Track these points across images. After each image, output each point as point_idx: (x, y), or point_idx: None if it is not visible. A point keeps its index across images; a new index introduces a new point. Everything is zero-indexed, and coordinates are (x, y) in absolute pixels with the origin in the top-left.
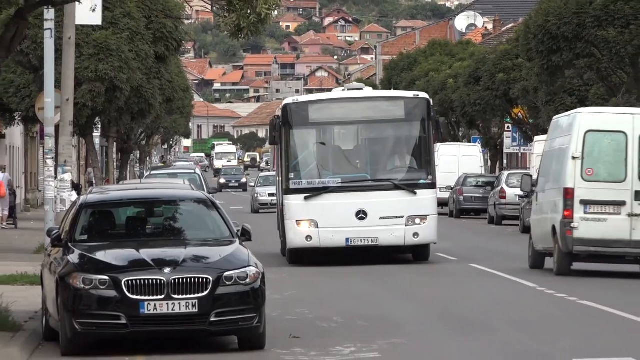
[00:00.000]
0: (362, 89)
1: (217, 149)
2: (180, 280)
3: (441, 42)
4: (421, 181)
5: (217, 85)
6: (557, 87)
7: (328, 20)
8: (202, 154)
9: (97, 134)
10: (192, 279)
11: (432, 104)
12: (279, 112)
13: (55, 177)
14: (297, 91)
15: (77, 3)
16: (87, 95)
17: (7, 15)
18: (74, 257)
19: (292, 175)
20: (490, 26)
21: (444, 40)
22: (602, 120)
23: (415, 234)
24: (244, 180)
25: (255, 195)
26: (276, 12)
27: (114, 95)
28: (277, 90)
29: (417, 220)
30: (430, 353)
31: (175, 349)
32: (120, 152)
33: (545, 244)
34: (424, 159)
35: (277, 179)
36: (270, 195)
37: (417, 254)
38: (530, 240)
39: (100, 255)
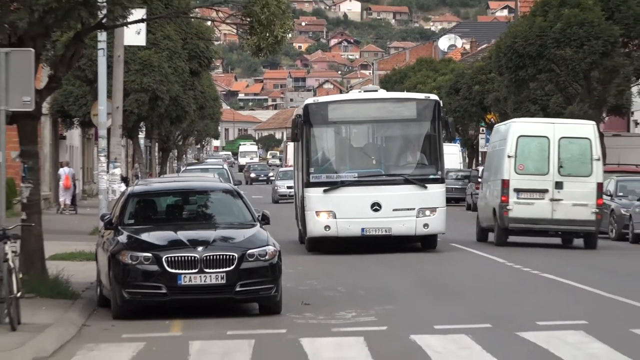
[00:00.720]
0: (377, 90)
1: (241, 148)
2: (211, 257)
3: (427, 59)
4: (431, 176)
5: (241, 96)
6: (523, 97)
7: (333, 42)
8: (229, 152)
9: (142, 135)
10: (221, 256)
11: (441, 105)
12: (300, 112)
13: (107, 172)
14: None
15: (125, 27)
16: (134, 103)
17: (67, 38)
18: (123, 238)
19: (312, 169)
20: (467, 46)
21: (429, 58)
22: (530, 127)
23: (426, 225)
24: (270, 174)
25: (276, 187)
26: (290, 35)
27: (155, 104)
28: (291, 100)
29: (427, 212)
30: (415, 316)
31: (206, 313)
32: (161, 150)
33: (488, 222)
34: (433, 156)
35: (296, 173)
36: (289, 187)
37: (425, 242)
38: (477, 219)
39: (145, 236)
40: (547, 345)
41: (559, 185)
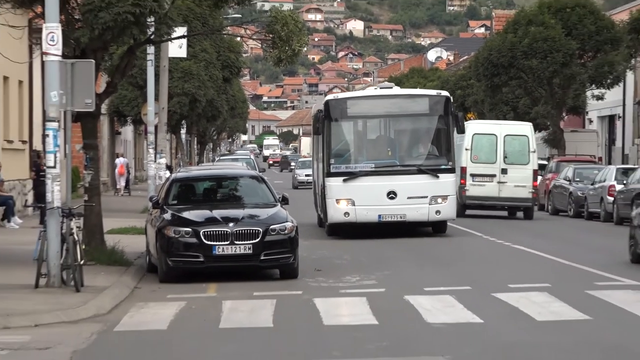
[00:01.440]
0: (392, 87)
1: (265, 142)
2: (240, 231)
3: (418, 69)
4: (442, 166)
5: (265, 98)
6: (497, 100)
7: (341, 54)
8: (255, 145)
9: (183, 131)
10: (248, 231)
11: (452, 101)
12: (321, 107)
13: (155, 161)
14: None
15: (169, 42)
16: (176, 105)
17: (122, 51)
18: (167, 216)
19: (332, 160)
20: (451, 58)
21: (420, 68)
22: (483, 127)
23: (438, 212)
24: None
25: (295, 175)
26: (305, 48)
27: (194, 105)
28: (306, 102)
29: (439, 200)
30: (408, 280)
31: (236, 278)
32: (199, 143)
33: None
34: (444, 148)
35: (315, 163)
36: (307, 175)
37: (436, 227)
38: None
39: (186, 214)
40: (517, 304)
41: (504, 171)
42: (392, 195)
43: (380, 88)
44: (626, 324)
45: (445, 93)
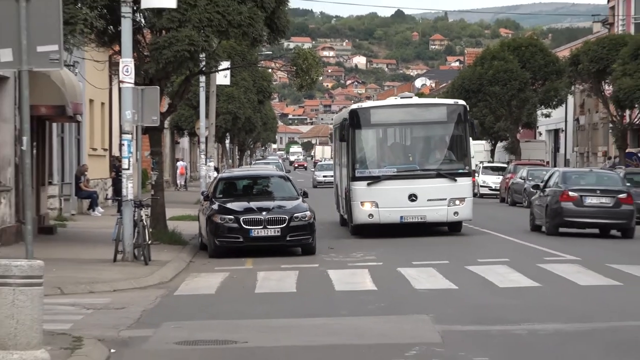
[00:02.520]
0: (411, 97)
1: (291, 150)
2: (271, 218)
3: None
4: (460, 170)
5: (290, 116)
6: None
7: (348, 82)
8: (283, 152)
9: (227, 141)
10: (277, 218)
11: (467, 109)
12: (346, 116)
13: (205, 164)
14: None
15: (216, 73)
16: (222, 121)
17: (180, 79)
18: (215, 206)
19: (357, 165)
20: (434, 85)
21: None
22: None
23: (456, 213)
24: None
25: (315, 176)
26: (321, 77)
27: (236, 121)
28: (322, 119)
29: (457, 202)
30: (401, 257)
31: (267, 254)
32: (239, 151)
33: None
34: (461, 153)
35: (338, 168)
36: (324, 176)
37: (452, 227)
38: None
39: (229, 205)
40: (484, 274)
41: None
42: (413, 197)
43: (401, 98)
44: (568, 290)
45: (461, 102)
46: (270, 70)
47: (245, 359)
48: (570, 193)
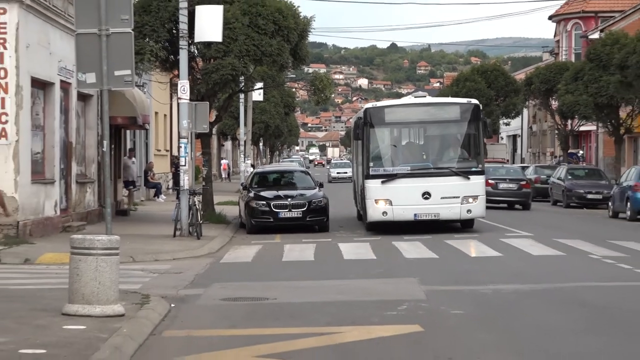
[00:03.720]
0: (425, 96)
1: (310, 151)
2: (295, 203)
3: None
4: (473, 169)
5: (309, 125)
6: None
7: (354, 98)
8: (304, 152)
9: (261, 144)
10: (299, 203)
11: (481, 108)
12: (361, 115)
13: (244, 162)
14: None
15: (252, 92)
16: (257, 128)
17: (224, 96)
18: (251, 194)
19: (371, 164)
20: None
21: None
22: None
23: (469, 210)
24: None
25: (330, 172)
26: (333, 95)
27: (267, 129)
28: (334, 127)
29: (470, 200)
30: (395, 233)
31: (291, 231)
32: (270, 151)
33: None
34: (474, 152)
35: (355, 165)
36: (338, 173)
37: (464, 223)
38: None
39: (262, 193)
40: (459, 246)
41: None
42: (426, 195)
43: (415, 97)
44: (523, 258)
45: (474, 101)
46: (293, 89)
47: (275, 312)
48: (490, 180)
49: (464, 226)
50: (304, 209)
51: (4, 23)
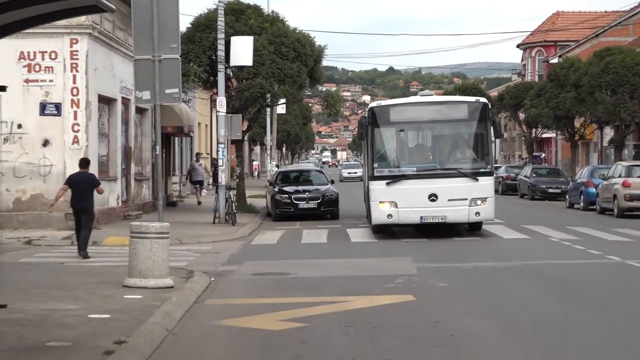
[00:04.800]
0: (432, 95)
1: (323, 154)
2: (311, 196)
3: None
4: (481, 169)
5: (322, 133)
6: None
7: (359, 112)
8: (318, 155)
9: (284, 148)
10: (315, 196)
11: (490, 107)
12: (366, 114)
13: (270, 162)
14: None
15: (277, 106)
16: (280, 136)
17: (254, 110)
18: (276, 189)
19: (376, 164)
20: None
21: None
22: None
23: (477, 213)
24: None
25: (341, 172)
26: (342, 109)
27: (289, 136)
28: (342, 134)
29: (479, 202)
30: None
31: (309, 219)
32: (291, 154)
33: None
34: (483, 152)
35: (364, 166)
36: (349, 173)
37: (472, 226)
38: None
39: (285, 188)
40: (444, 232)
41: None
42: (433, 197)
43: (421, 96)
44: (497, 241)
45: (483, 99)
46: (310, 104)
47: (295, 285)
48: None
49: (471, 229)
50: (319, 201)
51: (76, 51)
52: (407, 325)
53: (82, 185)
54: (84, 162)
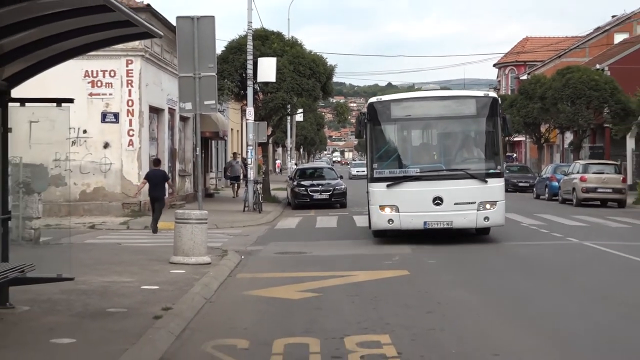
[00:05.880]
0: (437, 89)
1: (333, 154)
2: (324, 189)
3: None
4: (491, 170)
5: (333, 137)
6: None
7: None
8: (330, 155)
9: (301, 150)
10: (327, 188)
11: (499, 102)
12: (365, 110)
13: (290, 161)
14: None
15: (296, 115)
16: (298, 139)
17: (277, 118)
18: (295, 183)
19: (376, 165)
20: None
21: None
22: None
23: (486, 218)
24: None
25: (350, 171)
26: (349, 117)
27: (305, 140)
28: (350, 138)
29: (488, 206)
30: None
31: (322, 208)
32: (307, 154)
33: None
34: (492, 151)
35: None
36: (357, 171)
37: (479, 230)
38: None
39: (302, 182)
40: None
41: None
42: (438, 201)
43: (425, 90)
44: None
45: (492, 94)
46: (323, 113)
47: (311, 261)
48: None
49: (478, 232)
50: (330, 192)
51: (131, 70)
52: (402, 294)
53: (156, 179)
54: (157, 161)
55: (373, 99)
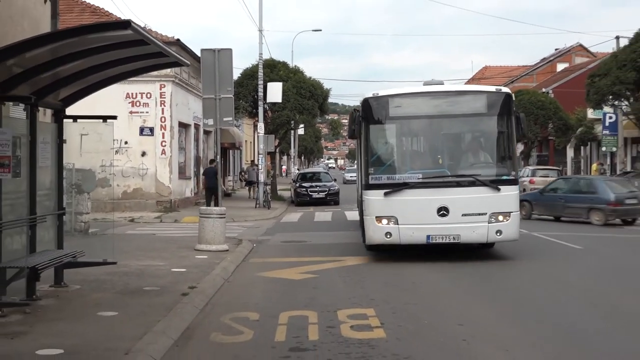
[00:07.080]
0: (442, 84)
1: (328, 161)
2: (320, 190)
3: None
4: (504, 177)
5: (328, 147)
6: None
7: None
8: (326, 162)
9: (303, 157)
10: (323, 189)
11: (513, 99)
12: (359, 107)
13: (294, 167)
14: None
15: (298, 129)
16: (300, 149)
17: (283, 131)
18: (297, 184)
19: (371, 170)
20: None
21: None
22: None
23: (499, 232)
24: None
25: (344, 176)
26: (341, 131)
27: (306, 149)
28: (342, 149)
29: (500, 218)
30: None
31: (319, 205)
32: (307, 161)
33: None
34: (506, 155)
35: (357, 170)
36: (351, 176)
37: (488, 244)
38: None
39: (303, 184)
40: None
41: None
42: (443, 211)
43: (427, 85)
44: None
45: (505, 89)
46: (320, 127)
47: (310, 249)
48: None
49: (484, 246)
50: (326, 192)
51: (163, 92)
52: (383, 274)
53: (210, 174)
54: (212, 161)
55: (369, 95)
